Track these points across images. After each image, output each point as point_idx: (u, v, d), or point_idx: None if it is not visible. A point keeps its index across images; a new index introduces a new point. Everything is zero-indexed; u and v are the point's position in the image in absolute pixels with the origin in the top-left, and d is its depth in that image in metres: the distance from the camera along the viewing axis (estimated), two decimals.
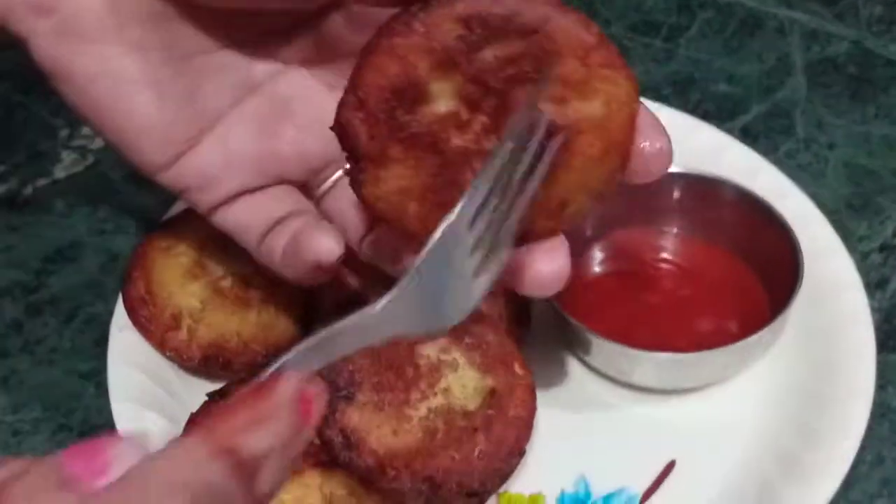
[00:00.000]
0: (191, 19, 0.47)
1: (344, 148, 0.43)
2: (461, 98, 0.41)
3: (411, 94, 0.41)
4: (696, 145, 0.67)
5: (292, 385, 0.35)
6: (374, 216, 0.45)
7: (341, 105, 0.42)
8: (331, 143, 0.44)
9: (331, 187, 0.51)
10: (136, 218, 0.70)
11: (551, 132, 0.41)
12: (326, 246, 0.47)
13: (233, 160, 0.49)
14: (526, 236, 0.44)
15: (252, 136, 0.49)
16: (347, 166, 0.44)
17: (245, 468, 0.33)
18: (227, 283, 0.60)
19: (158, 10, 0.46)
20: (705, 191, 0.63)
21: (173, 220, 0.62)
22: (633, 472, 0.56)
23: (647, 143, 0.42)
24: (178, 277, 0.60)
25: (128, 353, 0.58)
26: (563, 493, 0.56)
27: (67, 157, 0.75)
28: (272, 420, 0.34)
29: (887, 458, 0.57)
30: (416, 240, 0.45)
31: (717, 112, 0.75)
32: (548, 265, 0.44)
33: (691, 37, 0.82)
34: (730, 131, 0.70)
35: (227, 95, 0.49)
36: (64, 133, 0.76)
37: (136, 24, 0.46)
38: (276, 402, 0.34)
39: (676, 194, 0.63)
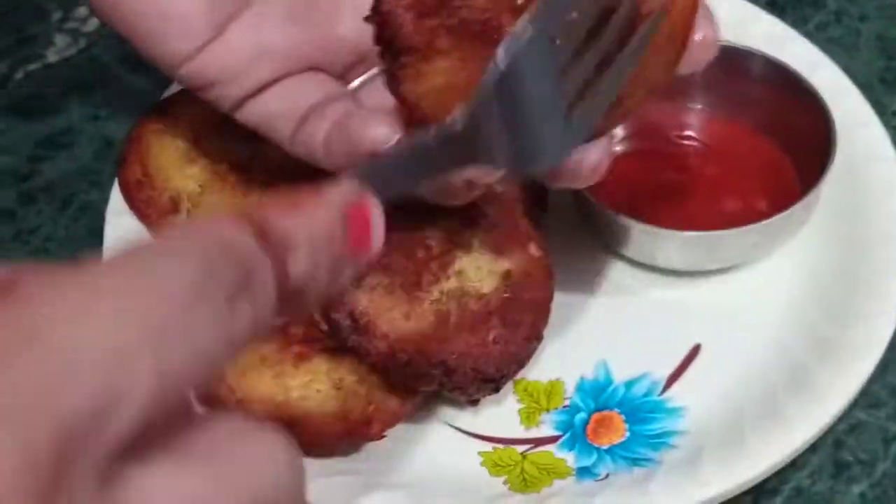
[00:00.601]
0: None
1: (379, 42, 0.40)
2: None
3: None
4: (720, 18, 0.63)
5: (344, 191, 0.31)
6: (412, 117, 0.41)
7: None
8: (364, 35, 0.41)
9: (359, 87, 0.48)
10: (131, 103, 0.67)
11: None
12: (381, 132, 0.42)
13: (262, 49, 0.46)
14: None
15: (281, 23, 0.46)
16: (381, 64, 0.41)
17: (272, 239, 0.27)
18: (226, 166, 0.57)
19: None
20: (732, 63, 0.59)
21: (170, 102, 0.59)
22: (656, 357, 0.54)
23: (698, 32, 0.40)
24: (176, 160, 0.57)
25: (124, 239, 0.56)
26: (582, 379, 0.54)
27: (60, 40, 0.71)
28: (310, 212, 0.29)
29: None
30: None
31: None
32: (587, 154, 0.41)
33: None
34: (755, 3, 0.66)
35: None
36: (56, 16, 0.73)
37: None
38: (320, 201, 0.30)
39: None
